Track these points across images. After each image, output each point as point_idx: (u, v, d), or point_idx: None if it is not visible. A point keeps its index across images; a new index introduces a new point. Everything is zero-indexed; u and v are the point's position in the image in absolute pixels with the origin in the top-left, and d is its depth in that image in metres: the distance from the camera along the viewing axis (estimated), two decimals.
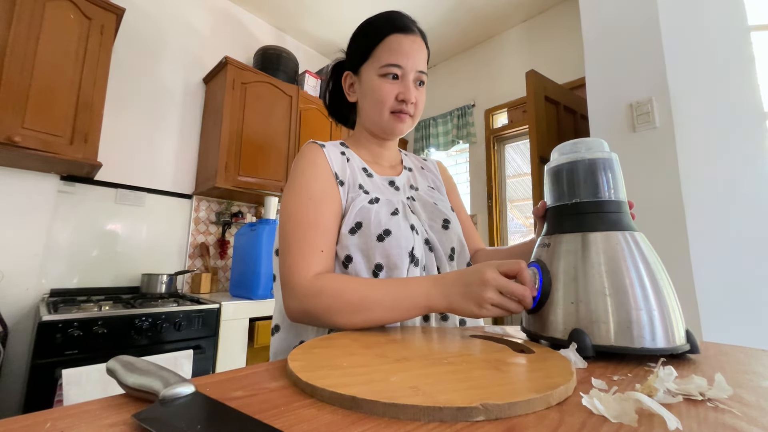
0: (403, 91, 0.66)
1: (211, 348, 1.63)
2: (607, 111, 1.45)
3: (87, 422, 0.25)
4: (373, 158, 0.76)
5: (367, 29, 0.71)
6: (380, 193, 0.69)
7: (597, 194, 0.48)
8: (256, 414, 0.26)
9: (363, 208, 0.64)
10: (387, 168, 0.77)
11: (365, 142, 0.75)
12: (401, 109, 0.67)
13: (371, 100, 0.69)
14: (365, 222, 0.62)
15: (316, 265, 0.57)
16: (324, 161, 0.66)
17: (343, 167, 0.68)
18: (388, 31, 0.68)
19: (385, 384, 0.30)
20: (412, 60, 0.67)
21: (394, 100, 0.67)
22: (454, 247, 0.69)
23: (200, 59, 2.37)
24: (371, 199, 0.66)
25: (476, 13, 2.70)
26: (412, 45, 0.68)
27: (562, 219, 0.50)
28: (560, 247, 0.48)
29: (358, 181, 0.68)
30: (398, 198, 0.70)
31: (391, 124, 0.69)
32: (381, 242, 0.61)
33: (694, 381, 0.30)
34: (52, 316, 1.26)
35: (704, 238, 1.20)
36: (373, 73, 0.68)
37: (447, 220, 0.71)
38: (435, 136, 3.19)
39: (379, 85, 0.67)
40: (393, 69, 0.66)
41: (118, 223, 1.96)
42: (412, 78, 0.67)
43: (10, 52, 1.43)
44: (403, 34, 0.68)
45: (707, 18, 1.37)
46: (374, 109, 0.69)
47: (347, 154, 0.72)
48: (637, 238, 0.45)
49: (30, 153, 1.45)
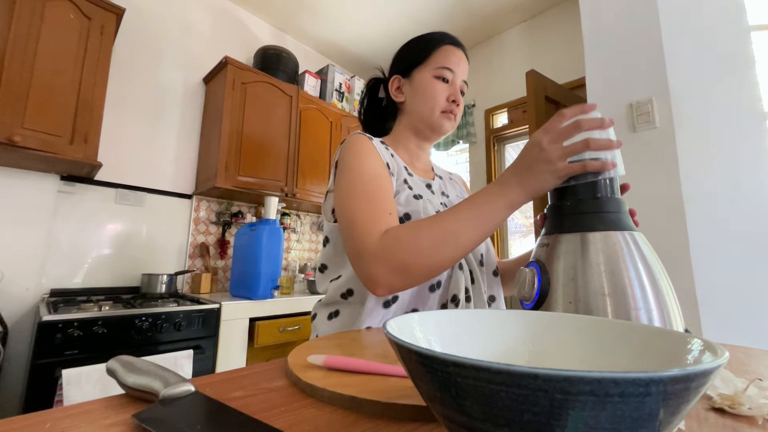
0: (453, 93, 0.74)
1: (211, 348, 1.63)
2: (607, 111, 1.45)
3: (87, 422, 0.25)
4: (410, 159, 0.80)
5: (424, 38, 0.78)
6: (422, 191, 0.72)
7: (596, 193, 0.48)
8: (256, 414, 0.26)
9: (410, 201, 0.66)
10: (422, 171, 0.81)
11: (405, 141, 0.79)
12: (451, 109, 0.73)
13: (424, 97, 0.74)
14: (414, 215, 0.64)
15: (385, 225, 0.55)
16: (374, 149, 0.68)
17: (391, 160, 0.72)
18: (444, 41, 0.76)
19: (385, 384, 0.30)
20: (461, 69, 0.75)
21: (445, 100, 0.73)
22: (482, 253, 0.72)
23: (200, 59, 2.37)
24: (416, 195, 0.68)
25: (476, 13, 2.70)
26: (461, 57, 0.76)
27: (561, 219, 0.50)
28: (559, 247, 0.48)
29: (403, 175, 0.71)
30: (436, 201, 0.73)
31: (440, 121, 0.74)
32: None
33: None
34: (52, 316, 1.26)
35: (704, 238, 1.20)
36: (428, 75, 0.74)
37: None
38: None
39: (434, 85, 0.73)
40: (447, 72, 0.73)
41: (118, 223, 1.96)
42: (459, 85, 0.75)
43: (10, 52, 1.43)
44: (456, 46, 0.76)
45: (707, 18, 1.37)
46: (426, 106, 0.74)
47: (390, 150, 0.75)
48: (636, 238, 0.45)
49: (30, 153, 1.45)
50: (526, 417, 0.13)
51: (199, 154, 2.29)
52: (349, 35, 2.95)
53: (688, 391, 0.13)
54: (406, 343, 0.16)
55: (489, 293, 0.70)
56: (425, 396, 0.17)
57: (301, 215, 2.79)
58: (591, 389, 0.12)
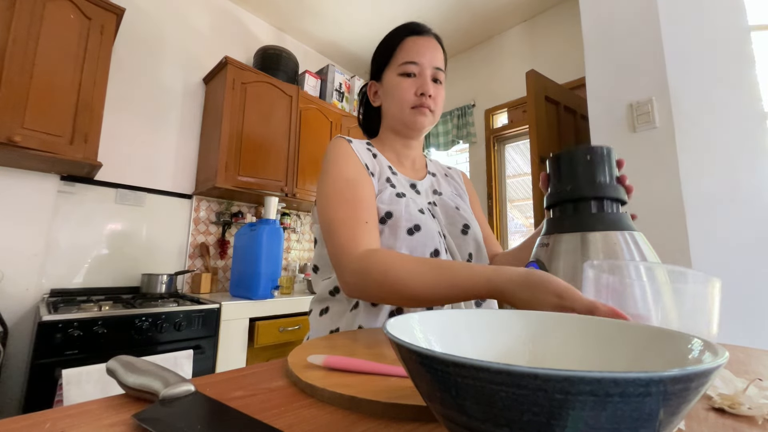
0: (421, 85, 0.71)
1: (211, 348, 1.63)
2: (607, 111, 1.45)
3: (87, 422, 0.25)
4: (397, 158, 0.79)
5: (386, 38, 0.77)
6: (405, 190, 0.72)
7: (596, 185, 0.48)
8: (256, 414, 0.26)
9: (392, 199, 0.66)
10: (409, 170, 0.80)
11: (390, 142, 0.79)
12: (421, 103, 0.71)
13: (393, 98, 0.73)
14: (396, 213, 0.64)
15: (363, 238, 0.57)
16: (352, 153, 0.69)
17: (372, 161, 0.72)
18: (404, 35, 0.74)
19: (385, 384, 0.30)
20: (427, 57, 0.72)
21: (413, 95, 0.71)
22: (471, 252, 0.71)
23: (200, 59, 2.37)
24: (399, 193, 0.68)
25: (476, 13, 2.70)
26: (427, 44, 0.73)
27: (561, 219, 0.50)
28: (559, 246, 0.48)
29: (386, 175, 0.71)
30: (420, 201, 0.72)
31: (412, 118, 0.72)
32: (410, 236, 0.63)
33: None
34: (52, 316, 1.26)
35: (704, 238, 1.20)
36: (394, 74, 0.73)
37: (467, 225, 0.72)
38: (435, 136, 3.18)
39: (399, 83, 0.72)
40: (410, 67, 0.71)
41: (118, 223, 1.96)
42: (429, 74, 0.72)
43: (10, 52, 1.43)
44: (417, 35, 0.74)
45: (707, 18, 1.37)
46: (396, 106, 0.73)
47: (373, 151, 0.75)
48: (636, 238, 0.45)
49: (30, 153, 1.45)
50: (526, 417, 0.13)
51: (199, 154, 2.29)
52: (349, 35, 2.95)
53: (688, 391, 0.13)
54: (407, 343, 0.16)
55: None
56: (425, 396, 0.17)
57: (301, 215, 2.79)
58: (591, 389, 0.12)
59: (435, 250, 0.65)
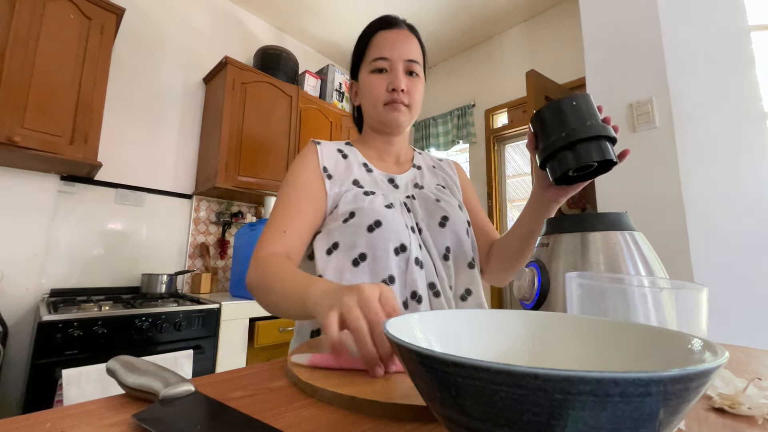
0: (392, 81, 0.69)
1: (211, 348, 1.63)
2: (607, 111, 1.44)
3: (87, 422, 0.25)
4: (377, 154, 0.78)
5: (359, 37, 0.76)
6: (377, 188, 0.70)
7: None
8: (256, 414, 0.26)
9: (357, 198, 0.65)
10: (392, 165, 0.79)
11: (370, 140, 0.78)
12: (393, 99, 0.69)
13: (367, 96, 0.72)
14: (358, 212, 0.64)
15: (274, 244, 0.60)
16: (314, 157, 0.70)
17: (336, 162, 0.71)
18: (374, 30, 0.73)
19: (385, 384, 0.30)
20: (397, 51, 0.70)
21: (385, 91, 0.69)
22: (449, 245, 0.68)
23: (200, 59, 2.37)
24: (366, 192, 0.67)
25: (476, 13, 2.70)
26: (397, 37, 0.71)
27: (561, 219, 0.50)
28: (559, 246, 0.48)
29: (354, 176, 0.70)
30: (396, 196, 0.70)
31: (386, 116, 0.71)
32: (371, 233, 0.62)
33: None
34: (52, 316, 1.26)
35: (704, 238, 1.20)
36: (366, 72, 0.72)
37: (446, 217, 0.69)
38: (435, 136, 3.18)
39: (370, 81, 0.71)
40: (380, 63, 0.70)
41: (118, 223, 1.96)
42: (402, 68, 0.70)
43: (10, 52, 1.43)
44: (387, 29, 0.72)
45: (707, 18, 1.37)
46: (370, 104, 0.72)
47: (347, 151, 0.75)
48: (636, 237, 0.45)
49: (30, 153, 1.45)
50: (527, 417, 0.13)
51: (199, 154, 2.29)
52: (349, 35, 2.95)
53: (688, 391, 0.13)
54: (407, 343, 0.16)
55: (464, 287, 0.67)
56: (425, 396, 0.17)
57: None
58: (591, 389, 0.12)
59: (401, 245, 0.62)
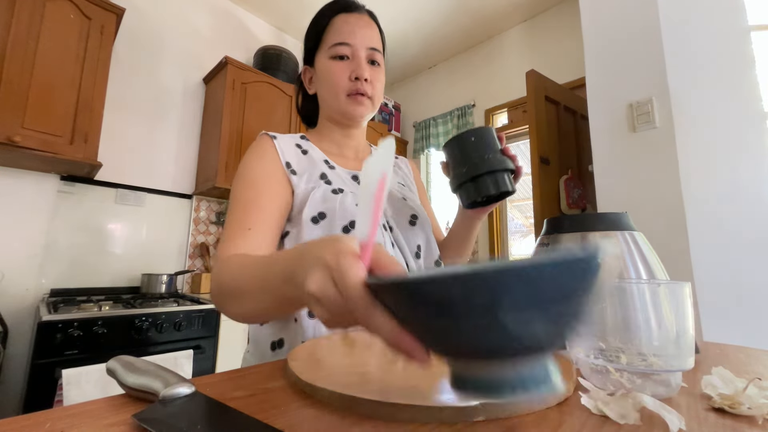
0: (355, 69, 0.64)
1: (211, 348, 1.63)
2: (607, 111, 1.45)
3: (87, 422, 0.25)
4: (337, 149, 0.73)
5: (315, 18, 0.70)
6: (344, 185, 0.65)
7: None
8: (256, 414, 0.26)
9: (327, 197, 0.60)
10: (352, 160, 0.74)
11: (327, 132, 0.72)
12: (357, 89, 0.65)
13: (326, 84, 0.67)
14: (330, 213, 0.59)
15: (239, 245, 0.53)
16: (272, 150, 0.64)
17: (299, 158, 0.66)
18: (333, 13, 0.68)
19: (385, 384, 0.30)
20: (359, 37, 0.65)
21: (347, 80, 0.65)
22: (420, 244, 0.66)
23: (200, 59, 2.37)
24: (335, 189, 0.62)
25: (476, 13, 2.70)
26: (359, 22, 0.66)
27: (561, 219, 0.50)
28: (559, 246, 0.48)
29: (320, 171, 0.65)
30: None
31: (349, 107, 0.66)
32: (347, 234, 0.58)
33: None
34: (52, 316, 1.26)
35: (704, 238, 1.20)
36: (325, 58, 0.66)
37: (415, 216, 0.67)
38: (435, 136, 3.18)
39: (331, 68, 0.65)
40: (341, 48, 0.65)
41: (118, 223, 1.96)
42: (364, 56, 0.65)
43: (10, 52, 1.43)
44: (347, 13, 0.67)
45: (707, 18, 1.37)
46: (330, 94, 0.67)
47: (305, 146, 0.69)
48: (636, 237, 0.45)
49: (30, 153, 1.45)
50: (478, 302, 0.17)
51: (199, 154, 2.29)
52: None
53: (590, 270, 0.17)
54: (393, 279, 0.21)
55: None
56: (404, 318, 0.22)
57: None
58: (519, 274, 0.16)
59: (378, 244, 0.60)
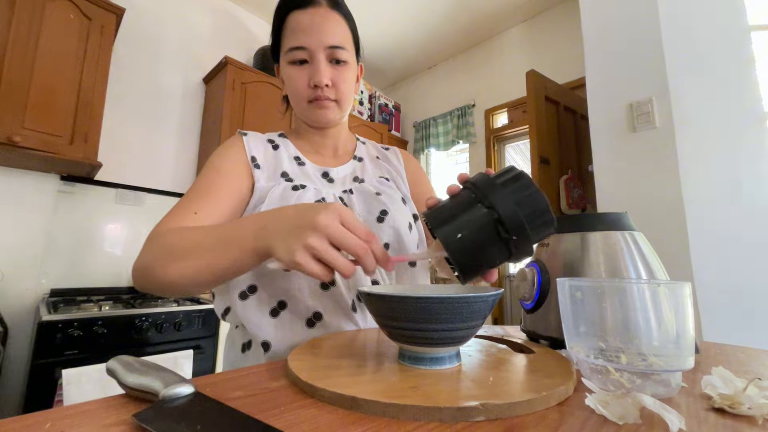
0: (312, 74, 0.60)
1: (211, 348, 1.63)
2: (607, 111, 1.45)
3: (87, 422, 0.25)
4: (312, 148, 0.71)
5: (274, 16, 0.65)
6: (308, 181, 0.64)
7: None
8: (256, 414, 0.26)
9: (285, 195, 0.58)
10: (329, 158, 0.72)
11: (304, 132, 0.71)
12: (317, 96, 0.61)
13: (289, 91, 0.65)
14: None
15: (181, 223, 0.51)
16: (239, 146, 0.63)
17: (266, 154, 0.65)
18: (286, 10, 0.62)
19: (385, 384, 0.30)
20: (315, 37, 0.59)
21: (307, 87, 0.61)
22: (388, 242, 0.62)
23: (200, 59, 2.37)
24: (296, 186, 0.60)
25: (476, 13, 2.70)
26: (314, 19, 0.60)
27: (561, 218, 0.50)
28: (559, 246, 0.48)
29: (283, 169, 0.64)
30: (329, 191, 0.64)
31: (311, 114, 0.64)
32: None
33: None
34: (52, 316, 1.26)
35: (704, 238, 1.20)
36: (284, 62, 0.63)
37: (384, 211, 0.63)
38: (435, 136, 3.18)
39: (290, 73, 0.62)
40: (297, 53, 0.60)
41: (118, 223, 1.96)
42: (323, 57, 0.60)
43: (10, 52, 1.43)
44: (301, 9, 0.60)
45: (707, 18, 1.37)
46: (293, 100, 0.65)
47: (278, 142, 0.68)
48: (636, 237, 0.45)
49: (30, 153, 1.45)
50: (434, 316, 0.31)
51: (199, 154, 2.29)
52: None
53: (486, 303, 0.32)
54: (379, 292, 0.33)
55: (408, 284, 0.61)
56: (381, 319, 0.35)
57: None
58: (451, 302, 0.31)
59: None
